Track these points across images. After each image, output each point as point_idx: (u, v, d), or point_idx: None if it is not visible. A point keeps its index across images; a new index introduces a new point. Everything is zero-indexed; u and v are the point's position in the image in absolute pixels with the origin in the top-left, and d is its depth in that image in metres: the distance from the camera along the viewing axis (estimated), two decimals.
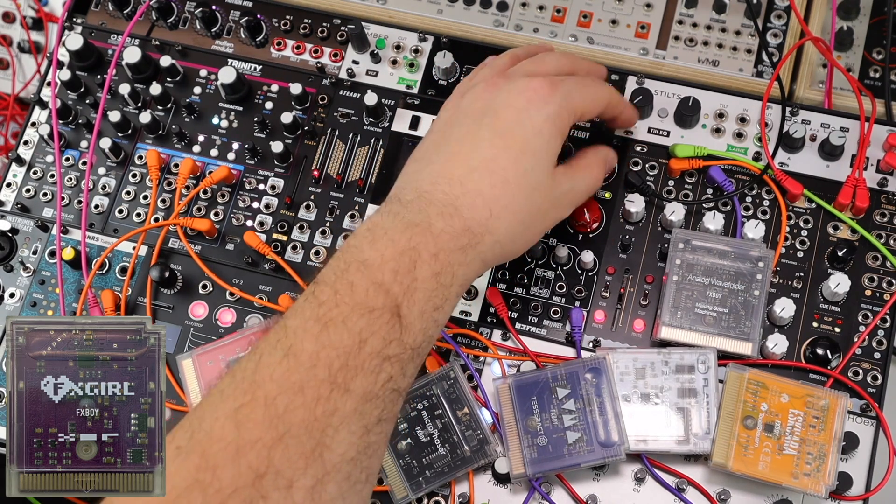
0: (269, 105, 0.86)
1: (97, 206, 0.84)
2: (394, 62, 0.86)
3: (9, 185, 0.86)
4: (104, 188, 0.85)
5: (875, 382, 0.73)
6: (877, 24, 0.89)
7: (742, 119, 0.81)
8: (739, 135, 0.80)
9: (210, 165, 0.85)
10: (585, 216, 0.77)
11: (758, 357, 0.73)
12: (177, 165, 0.84)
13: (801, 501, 0.71)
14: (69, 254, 0.81)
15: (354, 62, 0.87)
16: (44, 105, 0.88)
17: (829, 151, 0.78)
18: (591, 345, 0.76)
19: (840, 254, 0.74)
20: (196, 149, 0.85)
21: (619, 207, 0.79)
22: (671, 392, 0.71)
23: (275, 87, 0.86)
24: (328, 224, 0.82)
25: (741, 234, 0.76)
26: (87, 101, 0.88)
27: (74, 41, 0.86)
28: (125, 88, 0.85)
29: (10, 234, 0.84)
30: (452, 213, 0.61)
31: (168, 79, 0.87)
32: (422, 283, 0.58)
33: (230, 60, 0.88)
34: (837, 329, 0.74)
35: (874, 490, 0.70)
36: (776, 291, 0.75)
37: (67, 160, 0.86)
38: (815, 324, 0.75)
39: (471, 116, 0.66)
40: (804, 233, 0.77)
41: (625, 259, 0.78)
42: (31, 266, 0.83)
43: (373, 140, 0.84)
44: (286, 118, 0.82)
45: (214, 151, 0.85)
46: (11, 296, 0.82)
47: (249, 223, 0.82)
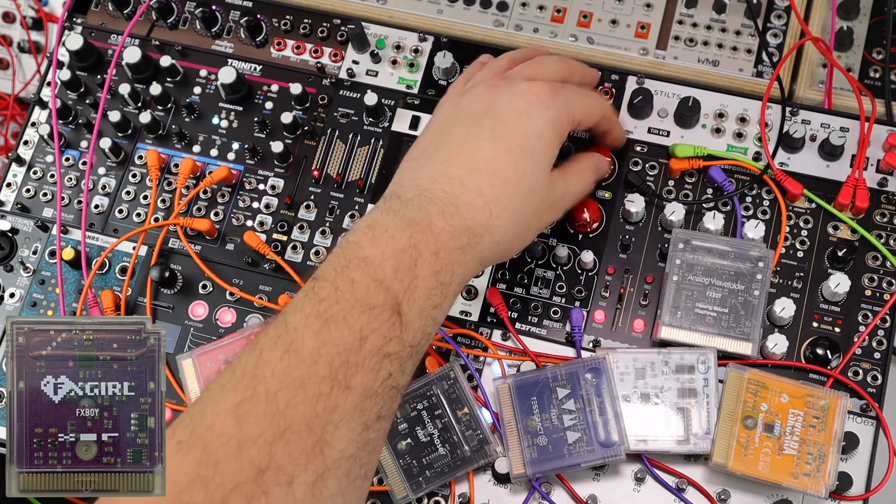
0: (269, 105, 0.86)
1: (97, 206, 0.84)
2: (394, 62, 0.86)
3: (9, 185, 0.86)
4: (104, 188, 0.85)
5: (875, 382, 0.73)
6: (877, 24, 0.89)
7: (742, 119, 0.81)
8: (739, 135, 0.80)
9: (210, 165, 0.84)
10: (585, 216, 0.77)
11: (758, 357, 0.73)
12: (177, 165, 0.84)
13: (801, 501, 0.71)
14: (69, 254, 0.81)
15: (354, 62, 0.87)
16: (44, 105, 0.88)
17: (829, 151, 0.78)
18: (591, 345, 0.76)
19: (840, 254, 0.74)
20: (196, 149, 0.85)
21: (619, 207, 0.79)
22: (671, 392, 0.71)
23: (275, 87, 0.86)
24: (328, 224, 0.82)
25: (741, 234, 0.76)
26: (87, 101, 0.87)
27: (74, 41, 0.86)
28: (125, 88, 0.85)
29: (10, 234, 0.84)
30: (453, 213, 0.61)
31: (168, 79, 0.87)
32: (422, 282, 0.58)
33: (230, 60, 0.87)
34: (837, 329, 0.74)
35: (874, 490, 0.70)
36: (776, 291, 0.75)
37: (67, 160, 0.86)
38: (815, 324, 0.75)
39: (471, 117, 0.66)
40: (804, 233, 0.77)
41: (625, 259, 0.78)
42: (31, 266, 0.83)
43: (373, 140, 0.84)
44: (286, 118, 0.82)
45: (214, 151, 0.85)
46: (11, 296, 0.82)
47: (249, 223, 0.82)
